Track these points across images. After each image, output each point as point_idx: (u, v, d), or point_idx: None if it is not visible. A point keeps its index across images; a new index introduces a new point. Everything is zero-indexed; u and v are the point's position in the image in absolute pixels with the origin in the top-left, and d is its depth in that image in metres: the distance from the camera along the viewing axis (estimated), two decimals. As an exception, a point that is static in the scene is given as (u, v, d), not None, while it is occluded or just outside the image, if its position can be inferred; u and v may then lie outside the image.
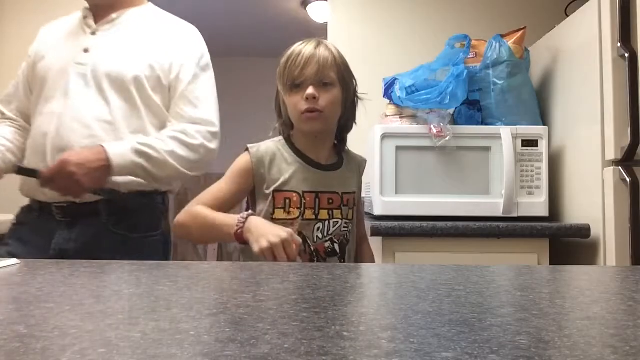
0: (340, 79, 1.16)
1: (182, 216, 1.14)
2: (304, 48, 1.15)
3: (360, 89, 1.25)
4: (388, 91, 1.90)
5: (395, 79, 1.89)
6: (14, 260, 0.70)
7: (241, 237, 1.04)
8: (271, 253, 0.98)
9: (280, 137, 1.21)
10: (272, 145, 1.19)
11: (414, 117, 1.83)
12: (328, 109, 1.14)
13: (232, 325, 0.36)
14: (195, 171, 1.35)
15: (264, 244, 0.98)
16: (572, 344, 0.32)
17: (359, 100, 1.25)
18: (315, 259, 1.14)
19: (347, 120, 1.23)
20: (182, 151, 1.29)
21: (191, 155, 1.31)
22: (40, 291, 0.49)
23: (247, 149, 1.18)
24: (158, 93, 1.34)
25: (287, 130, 1.21)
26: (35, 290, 0.50)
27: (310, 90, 1.11)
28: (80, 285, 0.54)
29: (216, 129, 1.37)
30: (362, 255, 1.31)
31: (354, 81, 1.22)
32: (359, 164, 1.31)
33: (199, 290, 0.50)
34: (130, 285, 0.53)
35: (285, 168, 1.15)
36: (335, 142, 1.26)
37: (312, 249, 1.14)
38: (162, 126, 1.34)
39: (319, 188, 1.16)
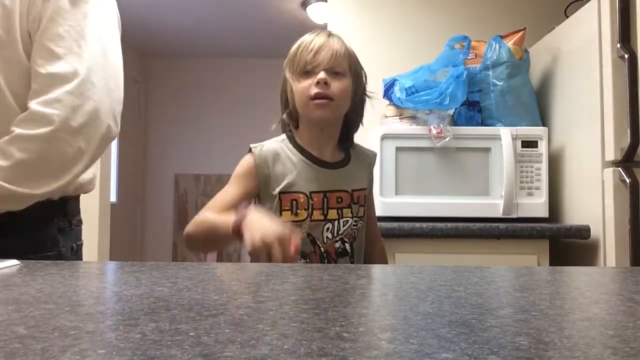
0: (352, 70, 1.14)
1: (189, 226, 1.08)
2: (316, 37, 1.13)
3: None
4: (388, 92, 1.90)
5: (395, 79, 1.89)
6: (14, 261, 0.70)
7: (239, 233, 0.94)
8: (264, 252, 0.87)
9: (284, 136, 1.18)
10: (275, 144, 1.15)
11: (413, 118, 1.83)
12: (338, 98, 1.10)
13: (232, 326, 0.36)
14: (76, 166, 0.95)
15: (257, 241, 0.87)
16: (572, 344, 0.32)
17: (366, 98, 1.21)
18: (326, 261, 1.11)
19: (354, 116, 1.19)
20: (31, 154, 0.88)
21: (37, 151, 0.89)
22: (40, 292, 0.49)
23: (250, 150, 1.14)
24: (15, 45, 0.94)
25: (293, 122, 1.17)
26: (34, 291, 0.50)
27: (322, 74, 1.08)
28: (80, 286, 0.54)
29: (76, 81, 0.93)
30: (372, 256, 1.26)
31: (364, 76, 1.19)
32: (369, 159, 1.28)
33: (198, 291, 0.50)
34: (130, 286, 0.53)
35: (290, 168, 1.12)
36: (340, 139, 1.21)
37: (322, 250, 1.11)
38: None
39: (326, 187, 1.13)
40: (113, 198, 4.50)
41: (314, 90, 1.08)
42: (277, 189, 1.10)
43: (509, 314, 0.41)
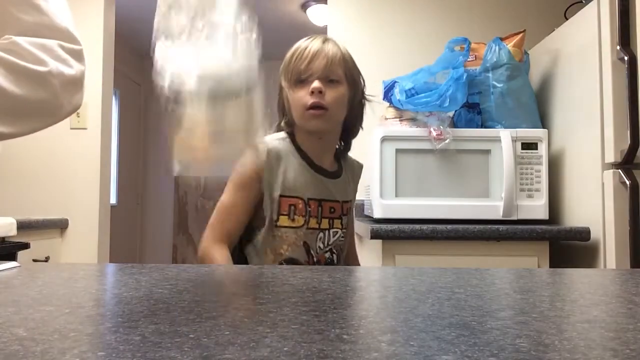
0: (347, 76, 1.12)
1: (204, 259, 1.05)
2: (310, 43, 1.10)
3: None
4: (388, 94, 1.90)
5: (395, 81, 1.89)
6: (13, 263, 0.70)
7: None
8: None
9: (284, 134, 1.13)
10: (278, 143, 1.11)
11: (413, 120, 1.83)
12: (334, 107, 1.08)
13: (232, 329, 0.36)
14: (39, 120, 0.76)
15: None
16: (572, 347, 0.32)
17: (366, 102, 1.19)
18: None
19: (353, 122, 1.17)
20: (7, 82, 0.69)
21: (27, 89, 0.72)
22: (40, 294, 0.49)
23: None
24: None
25: (291, 129, 1.14)
26: (34, 293, 0.50)
27: (316, 83, 1.06)
28: (80, 288, 0.54)
29: (79, 46, 0.81)
30: (347, 262, 1.28)
31: (361, 80, 1.17)
32: (356, 170, 1.27)
33: (198, 293, 0.50)
34: (130, 288, 0.53)
35: (292, 170, 1.09)
36: (337, 147, 1.20)
37: (315, 260, 1.10)
38: None
39: (322, 196, 1.11)
40: (113, 200, 4.50)
41: (310, 100, 1.07)
42: (278, 192, 1.07)
43: (509, 316, 0.41)
